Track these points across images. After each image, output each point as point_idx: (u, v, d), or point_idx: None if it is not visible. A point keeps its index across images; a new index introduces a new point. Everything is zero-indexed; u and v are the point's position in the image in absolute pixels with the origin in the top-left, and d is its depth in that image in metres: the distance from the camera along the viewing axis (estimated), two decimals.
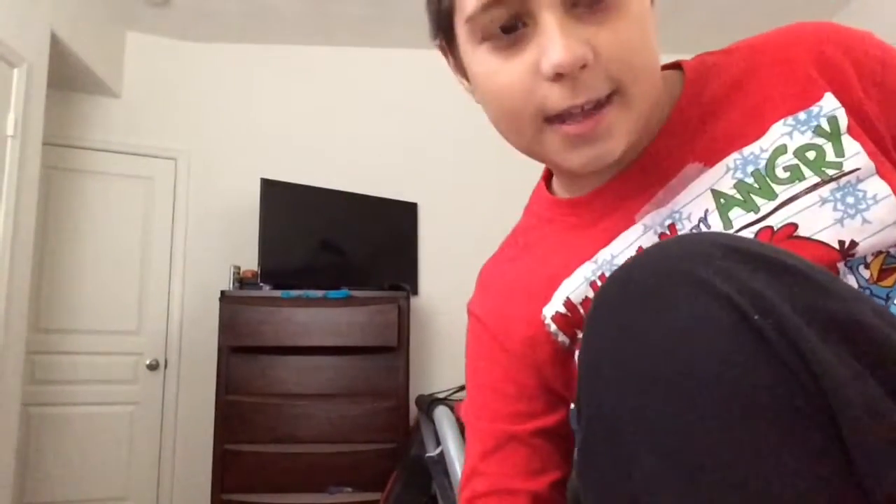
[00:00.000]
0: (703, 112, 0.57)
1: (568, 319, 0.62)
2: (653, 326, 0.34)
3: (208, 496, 2.97)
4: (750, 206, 0.52)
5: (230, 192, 3.58)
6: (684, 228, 0.55)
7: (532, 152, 0.56)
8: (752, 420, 0.31)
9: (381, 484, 2.78)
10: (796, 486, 0.30)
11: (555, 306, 0.62)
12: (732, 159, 0.54)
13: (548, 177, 0.71)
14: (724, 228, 0.52)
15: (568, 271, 0.61)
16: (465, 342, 0.74)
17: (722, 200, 0.53)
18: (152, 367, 3.41)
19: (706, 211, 0.54)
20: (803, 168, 0.51)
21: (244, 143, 3.66)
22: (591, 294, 0.59)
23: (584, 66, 0.48)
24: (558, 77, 0.49)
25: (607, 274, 0.57)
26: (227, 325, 2.99)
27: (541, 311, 0.63)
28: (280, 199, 3.28)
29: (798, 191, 0.50)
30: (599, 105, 0.50)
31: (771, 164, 0.52)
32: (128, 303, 3.42)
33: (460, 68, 0.59)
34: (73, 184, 3.37)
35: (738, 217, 0.52)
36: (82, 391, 3.28)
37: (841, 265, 0.49)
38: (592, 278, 0.60)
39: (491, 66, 0.53)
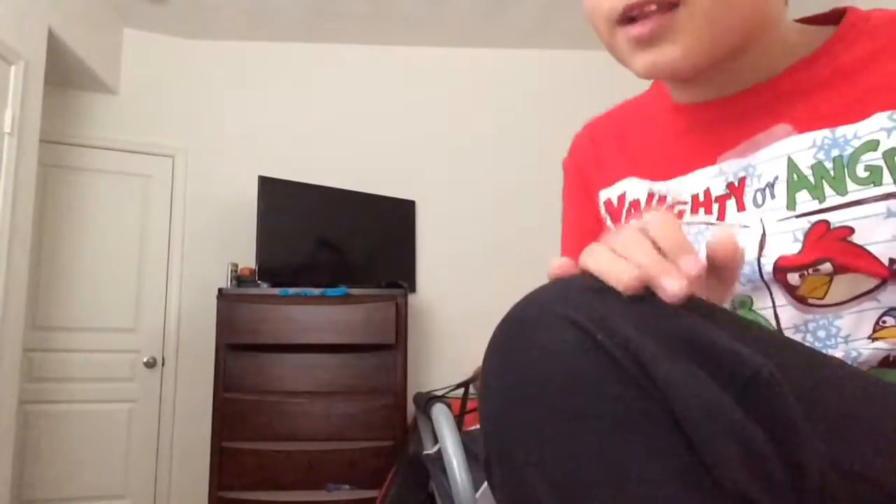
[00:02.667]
0: (830, 75, 0.54)
1: (615, 211, 0.67)
2: (521, 352, 0.38)
3: (206, 494, 2.97)
4: (817, 194, 0.51)
5: (228, 190, 3.57)
6: (753, 185, 0.55)
7: (614, 56, 0.59)
8: (606, 426, 0.35)
9: (379, 481, 2.79)
10: (653, 479, 0.34)
11: (610, 193, 0.68)
12: (822, 135, 0.52)
13: None
14: (787, 207, 0.52)
15: (639, 174, 0.65)
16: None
17: (795, 177, 0.52)
18: (150, 364, 3.41)
19: (776, 177, 0.53)
20: (886, 173, 0.48)
21: (242, 141, 3.66)
22: (643, 201, 0.64)
23: None
24: None
25: (668, 200, 0.61)
26: (225, 323, 2.99)
27: (599, 191, 0.69)
28: (278, 197, 3.27)
29: (869, 195, 0.48)
30: (663, 10, 0.51)
31: (856, 156, 0.50)
32: (125, 300, 3.41)
33: None
34: (70, 181, 3.37)
35: (804, 202, 0.51)
36: (80, 389, 3.28)
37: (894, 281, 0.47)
38: (654, 192, 0.63)
39: None
